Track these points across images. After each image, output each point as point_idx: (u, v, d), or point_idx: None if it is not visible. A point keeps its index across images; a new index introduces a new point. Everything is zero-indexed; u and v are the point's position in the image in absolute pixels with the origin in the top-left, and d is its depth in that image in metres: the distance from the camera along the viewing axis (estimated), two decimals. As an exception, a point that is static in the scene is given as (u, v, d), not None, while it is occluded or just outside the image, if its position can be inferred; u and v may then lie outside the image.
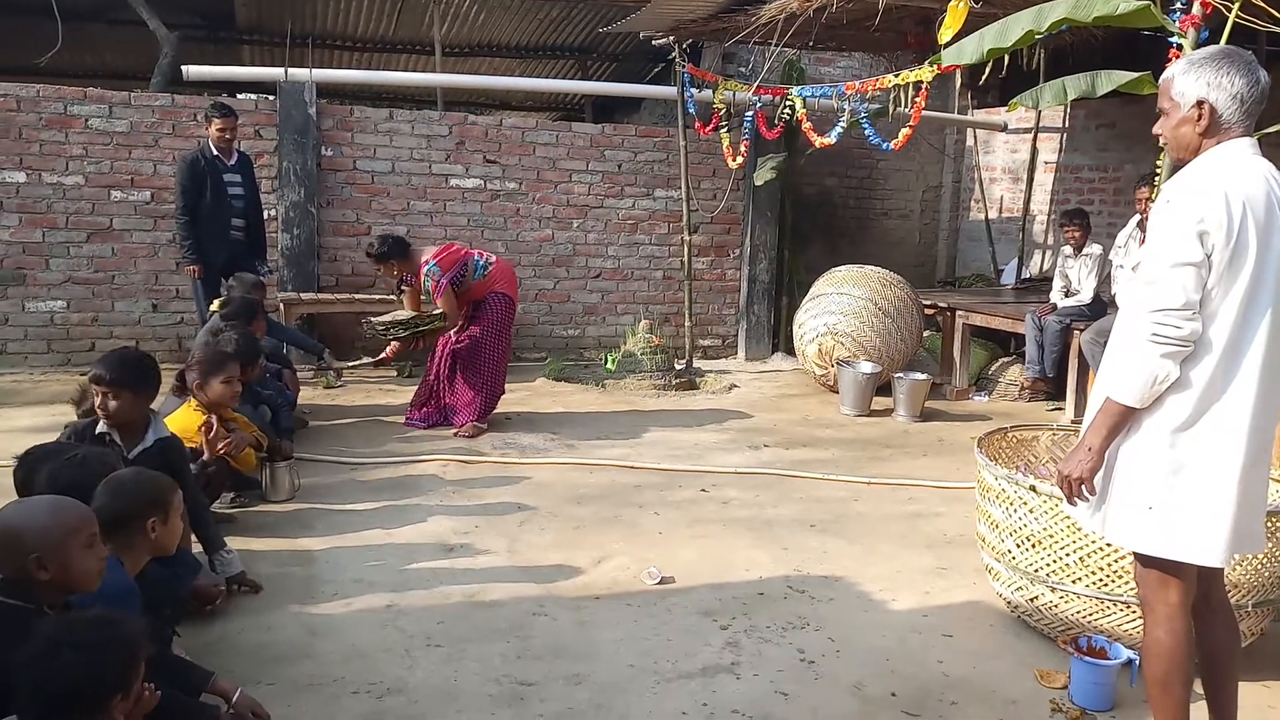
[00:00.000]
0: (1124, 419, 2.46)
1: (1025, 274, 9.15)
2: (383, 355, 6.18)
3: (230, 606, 3.50)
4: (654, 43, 7.94)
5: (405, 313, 6.08)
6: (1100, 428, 2.48)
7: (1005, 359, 7.98)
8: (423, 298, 6.09)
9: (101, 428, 3.50)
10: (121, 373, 3.44)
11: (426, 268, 5.87)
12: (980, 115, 10.10)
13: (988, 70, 5.74)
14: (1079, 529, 3.20)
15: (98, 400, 3.45)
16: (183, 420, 4.13)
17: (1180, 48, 4.36)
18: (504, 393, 6.31)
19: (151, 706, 2.07)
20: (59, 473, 2.82)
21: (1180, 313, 2.34)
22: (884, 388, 7.17)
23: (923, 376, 7.00)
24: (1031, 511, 3.33)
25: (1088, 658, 3.05)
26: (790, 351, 8.63)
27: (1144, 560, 2.53)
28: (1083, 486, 2.50)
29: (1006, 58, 5.70)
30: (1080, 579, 3.24)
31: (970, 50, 4.84)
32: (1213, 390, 2.38)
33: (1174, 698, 2.53)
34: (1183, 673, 2.52)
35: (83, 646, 1.92)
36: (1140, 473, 2.47)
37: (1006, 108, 4.73)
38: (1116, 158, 8.75)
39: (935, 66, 5.84)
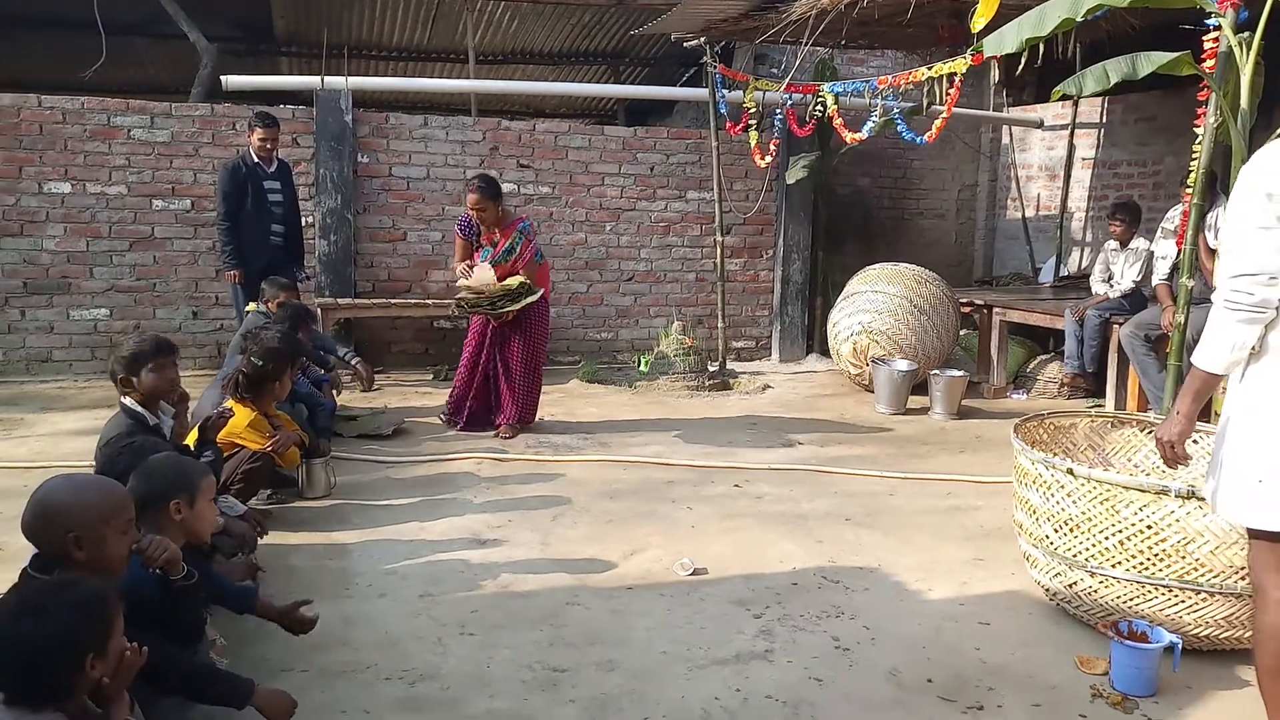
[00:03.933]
0: (1209, 384, 2.52)
1: (1064, 271, 9.02)
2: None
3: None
4: (685, 45, 7.96)
5: (500, 285, 5.68)
6: (1187, 393, 2.57)
7: (1044, 356, 7.87)
8: (489, 261, 5.74)
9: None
10: None
11: (523, 225, 5.72)
12: (1016, 112, 10.00)
13: (1023, 62, 5.69)
14: (1117, 511, 3.14)
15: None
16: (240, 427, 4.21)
17: (1219, 28, 4.31)
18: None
19: (138, 666, 2.06)
20: (114, 459, 2.87)
21: (1254, 278, 2.35)
22: (920, 387, 7.10)
23: (960, 373, 6.92)
24: (1069, 495, 3.27)
25: (1129, 642, 2.99)
26: (825, 353, 8.57)
27: (1255, 537, 2.46)
28: (1177, 450, 2.59)
29: (1042, 50, 5.67)
30: (1120, 563, 3.18)
31: (1010, 39, 4.80)
32: None
33: None
34: None
35: (41, 612, 1.91)
36: (1247, 445, 2.42)
37: (1051, 95, 4.67)
38: (1156, 151, 8.61)
39: (972, 57, 5.79)
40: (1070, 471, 3.26)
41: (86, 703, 2.02)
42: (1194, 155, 4.57)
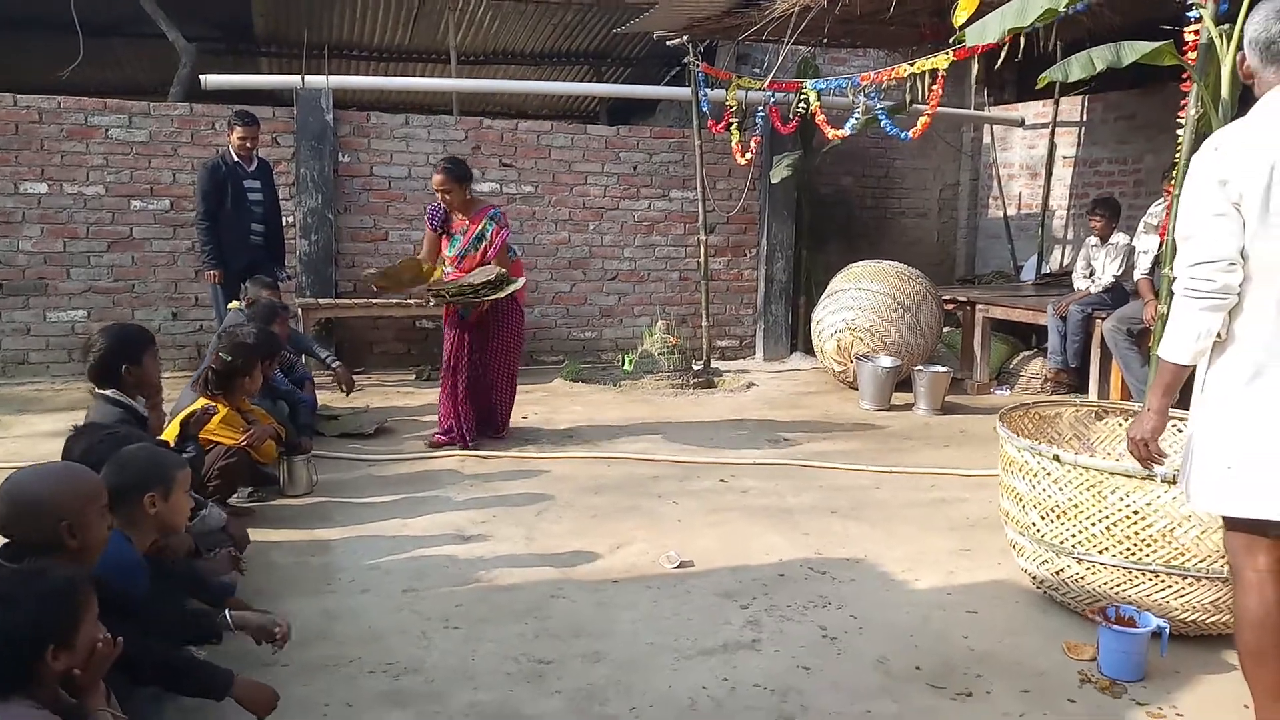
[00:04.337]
0: (1178, 376, 2.48)
1: (1046, 269, 9.05)
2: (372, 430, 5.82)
3: (245, 592, 3.48)
4: (668, 43, 7.94)
5: (480, 274, 5.38)
6: (1157, 388, 2.54)
7: (1027, 352, 7.89)
8: (459, 250, 5.52)
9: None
10: None
11: (493, 212, 5.52)
12: (997, 111, 10.04)
13: (1003, 56, 5.70)
14: (1103, 497, 3.14)
15: None
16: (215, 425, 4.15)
17: (1200, 20, 4.32)
18: None
19: (112, 658, 2.02)
20: (93, 448, 2.83)
21: (1213, 265, 2.34)
22: (904, 383, 7.11)
23: (943, 369, 6.93)
24: (1055, 482, 3.26)
25: (1116, 627, 2.98)
26: (809, 351, 8.57)
27: (1229, 524, 2.47)
28: (1150, 448, 2.57)
29: (1022, 46, 5.68)
30: (1107, 549, 3.17)
31: (993, 29, 4.81)
32: (1277, 338, 2.33)
33: (1271, 670, 2.41)
34: (1278, 643, 2.40)
35: (9, 601, 1.88)
36: (1214, 433, 2.42)
37: (1039, 81, 4.66)
38: (1136, 149, 8.66)
39: (954, 52, 5.80)
40: (1056, 458, 3.25)
41: (59, 692, 1.98)
42: (1176, 148, 4.59)
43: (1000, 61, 5.87)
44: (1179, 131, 4.62)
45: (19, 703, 1.84)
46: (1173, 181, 4.76)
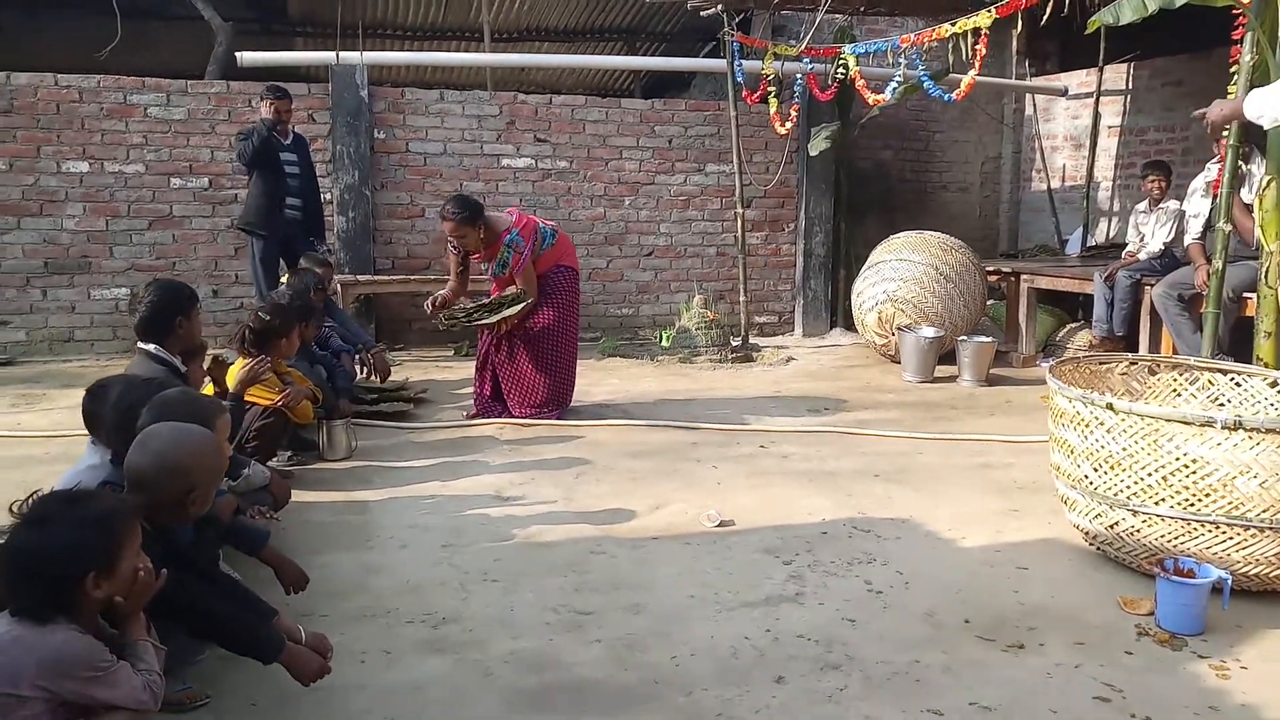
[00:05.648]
0: (1234, 115, 3.63)
1: (1091, 241, 8.86)
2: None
3: (283, 548, 3.46)
4: (703, 13, 7.85)
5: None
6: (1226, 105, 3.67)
7: (1073, 324, 7.72)
8: (487, 270, 5.47)
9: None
10: None
11: (509, 237, 5.18)
12: (1039, 82, 9.82)
13: (1048, 11, 5.56)
14: (1159, 446, 3.03)
15: None
16: (235, 373, 4.12)
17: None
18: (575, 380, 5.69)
19: (153, 590, 2.00)
20: (128, 392, 2.81)
21: None
22: (947, 357, 6.98)
23: (988, 339, 6.80)
24: (1109, 432, 3.16)
25: (1175, 577, 2.88)
26: (849, 326, 8.46)
27: None
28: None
29: (1067, 3, 5.54)
30: (1164, 500, 3.06)
31: None
32: None
33: None
34: None
35: (44, 523, 1.86)
36: None
37: (1089, 25, 4.50)
38: (1183, 117, 8.41)
39: (996, 9, 5.66)
40: (1110, 407, 3.15)
41: (100, 621, 1.97)
42: (1229, 97, 4.44)
43: (1044, 21, 5.72)
44: (1232, 84, 4.48)
45: (63, 626, 1.82)
46: (1226, 135, 4.61)
